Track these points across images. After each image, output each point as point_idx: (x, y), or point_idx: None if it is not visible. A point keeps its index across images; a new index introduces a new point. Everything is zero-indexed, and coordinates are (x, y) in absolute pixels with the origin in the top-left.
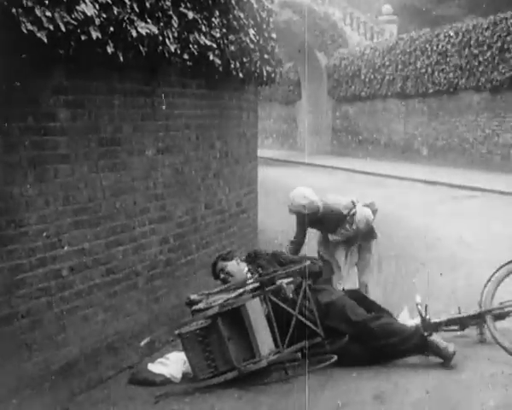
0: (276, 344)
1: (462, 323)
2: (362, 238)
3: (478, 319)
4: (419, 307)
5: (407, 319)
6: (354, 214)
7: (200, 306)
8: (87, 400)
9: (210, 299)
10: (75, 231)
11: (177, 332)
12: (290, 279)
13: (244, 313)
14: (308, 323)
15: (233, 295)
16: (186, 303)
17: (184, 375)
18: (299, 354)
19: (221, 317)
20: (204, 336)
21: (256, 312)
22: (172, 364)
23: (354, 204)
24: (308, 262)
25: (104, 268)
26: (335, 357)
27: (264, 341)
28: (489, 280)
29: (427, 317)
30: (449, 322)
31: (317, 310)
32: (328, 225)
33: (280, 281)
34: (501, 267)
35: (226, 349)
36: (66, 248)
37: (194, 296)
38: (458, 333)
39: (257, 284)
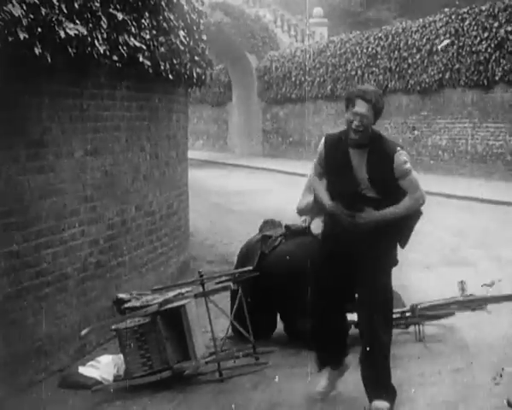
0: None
1: None
2: None
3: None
4: None
5: None
6: None
7: (136, 304)
8: (17, 404)
9: (143, 298)
10: (3, 233)
11: (113, 327)
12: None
13: (183, 314)
14: (242, 330)
15: (171, 294)
16: (114, 302)
17: (115, 378)
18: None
19: (161, 316)
20: (141, 334)
21: (193, 314)
22: (103, 367)
23: None
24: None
25: (33, 271)
26: (269, 362)
27: (200, 343)
28: None
29: None
30: None
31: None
32: None
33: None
34: None
35: (163, 349)
36: None
37: (122, 295)
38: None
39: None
